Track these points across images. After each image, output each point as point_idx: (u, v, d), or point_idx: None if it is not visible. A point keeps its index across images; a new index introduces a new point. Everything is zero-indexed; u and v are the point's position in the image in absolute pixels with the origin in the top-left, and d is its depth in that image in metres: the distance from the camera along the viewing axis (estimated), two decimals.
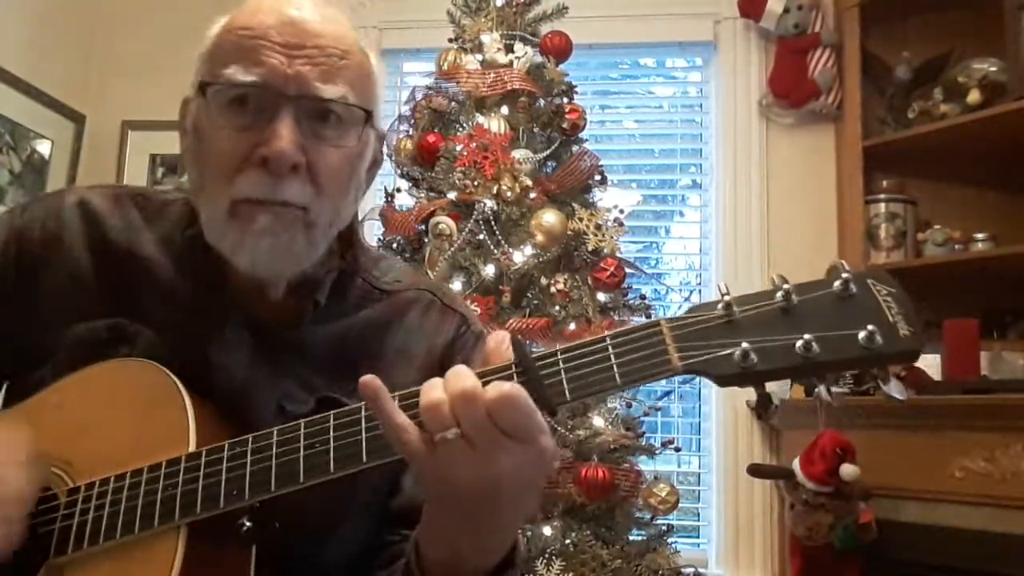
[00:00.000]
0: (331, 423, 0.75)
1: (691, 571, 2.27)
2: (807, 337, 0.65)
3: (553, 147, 2.41)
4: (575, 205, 2.34)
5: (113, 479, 0.81)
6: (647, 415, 2.36)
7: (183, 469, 0.78)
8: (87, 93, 3.34)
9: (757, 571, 2.83)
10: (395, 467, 0.82)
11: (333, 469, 0.74)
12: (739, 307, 0.68)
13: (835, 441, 2.23)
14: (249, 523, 0.79)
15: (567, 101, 2.45)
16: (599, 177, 2.45)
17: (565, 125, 2.40)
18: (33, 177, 3.09)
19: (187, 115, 0.92)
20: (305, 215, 0.86)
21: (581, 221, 2.29)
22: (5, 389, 0.97)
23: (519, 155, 2.29)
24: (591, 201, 2.42)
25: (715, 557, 2.92)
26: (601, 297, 2.30)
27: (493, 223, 2.24)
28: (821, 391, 0.66)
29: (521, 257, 2.23)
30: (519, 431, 0.66)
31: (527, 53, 2.43)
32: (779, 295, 0.68)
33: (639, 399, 2.33)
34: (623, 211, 2.42)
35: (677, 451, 2.51)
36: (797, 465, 2.30)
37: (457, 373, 0.68)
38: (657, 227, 3.44)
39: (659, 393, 2.61)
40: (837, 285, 0.67)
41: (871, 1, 2.85)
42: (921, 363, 2.19)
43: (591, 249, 2.29)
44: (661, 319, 0.70)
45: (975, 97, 2.62)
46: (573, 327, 2.19)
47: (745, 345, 0.66)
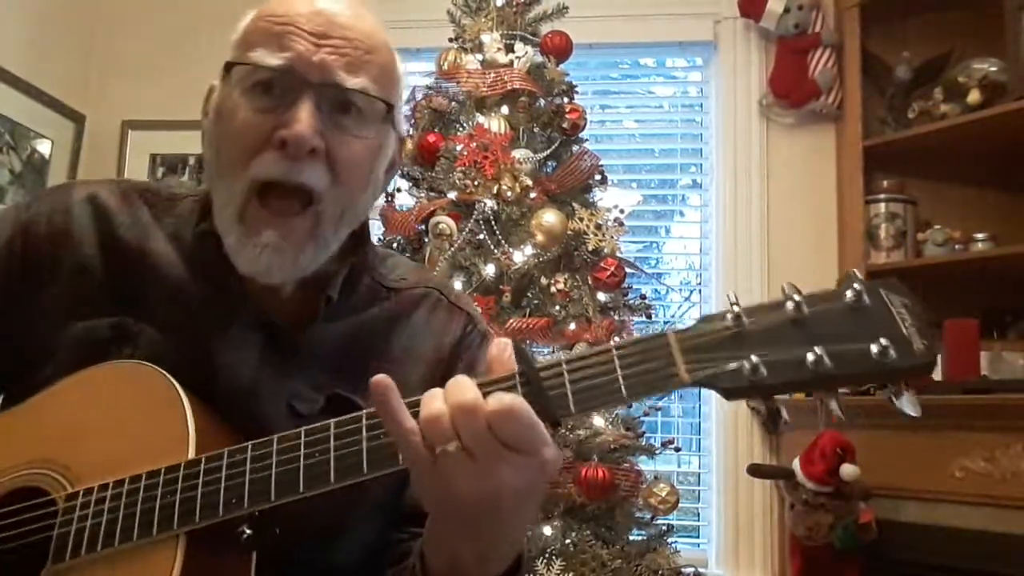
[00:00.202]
0: (331, 431, 0.74)
1: (691, 571, 2.27)
2: (818, 351, 0.63)
3: (553, 147, 2.40)
4: (575, 205, 2.34)
5: (112, 485, 0.80)
6: (647, 415, 2.36)
7: (182, 476, 0.77)
8: (87, 93, 3.34)
9: (757, 571, 2.83)
10: None
11: (334, 479, 0.73)
12: (748, 318, 0.66)
13: (835, 441, 2.24)
14: (249, 530, 0.78)
15: (567, 101, 2.44)
16: (599, 177, 2.44)
17: (565, 125, 2.39)
18: (33, 177, 3.09)
19: (211, 100, 0.93)
20: (315, 211, 0.86)
21: (581, 221, 2.29)
22: (5, 389, 0.96)
23: (519, 155, 2.29)
24: (591, 201, 2.41)
25: (715, 557, 2.92)
26: (601, 297, 2.29)
27: (493, 223, 2.24)
28: (835, 409, 0.64)
29: (521, 257, 2.23)
30: (521, 443, 0.65)
31: (527, 53, 2.42)
32: (789, 306, 0.65)
33: None
34: (623, 211, 2.41)
35: (677, 451, 2.50)
36: (797, 465, 2.30)
37: (458, 384, 0.67)
38: (657, 227, 3.44)
39: None
40: (849, 295, 0.65)
41: (871, 1, 2.84)
42: None
43: (591, 249, 2.28)
44: (668, 330, 0.67)
45: (975, 97, 2.62)
46: (573, 327, 2.19)
47: (755, 358, 0.64)
